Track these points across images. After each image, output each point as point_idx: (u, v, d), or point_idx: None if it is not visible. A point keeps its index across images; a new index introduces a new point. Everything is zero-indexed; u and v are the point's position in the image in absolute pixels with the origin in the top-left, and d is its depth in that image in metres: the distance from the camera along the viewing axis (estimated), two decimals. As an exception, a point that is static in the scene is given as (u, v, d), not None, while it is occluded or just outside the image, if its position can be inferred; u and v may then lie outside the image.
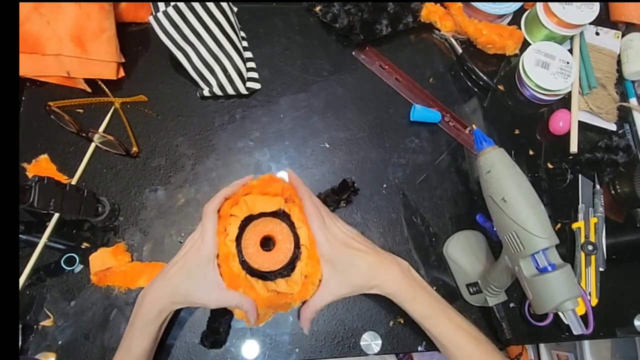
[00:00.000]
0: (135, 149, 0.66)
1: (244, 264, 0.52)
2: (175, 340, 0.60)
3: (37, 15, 0.63)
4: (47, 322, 0.59)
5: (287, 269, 0.53)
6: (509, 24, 0.78)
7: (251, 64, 0.72)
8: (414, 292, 0.53)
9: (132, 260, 0.62)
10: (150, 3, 0.67)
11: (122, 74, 0.69)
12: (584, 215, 0.70)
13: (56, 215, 0.60)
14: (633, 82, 0.79)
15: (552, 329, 0.65)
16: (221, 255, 0.51)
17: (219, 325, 0.59)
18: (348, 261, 0.52)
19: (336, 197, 0.65)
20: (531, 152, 0.74)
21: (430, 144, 0.73)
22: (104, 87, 0.68)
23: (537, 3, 0.75)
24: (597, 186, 0.72)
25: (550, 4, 0.72)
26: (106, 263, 0.60)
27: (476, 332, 0.54)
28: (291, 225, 0.54)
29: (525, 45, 0.77)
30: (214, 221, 0.51)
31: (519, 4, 0.75)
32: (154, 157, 0.68)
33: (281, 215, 0.55)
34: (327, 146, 0.71)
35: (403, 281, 0.53)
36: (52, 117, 0.64)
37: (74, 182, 0.64)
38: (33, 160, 0.64)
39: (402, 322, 0.63)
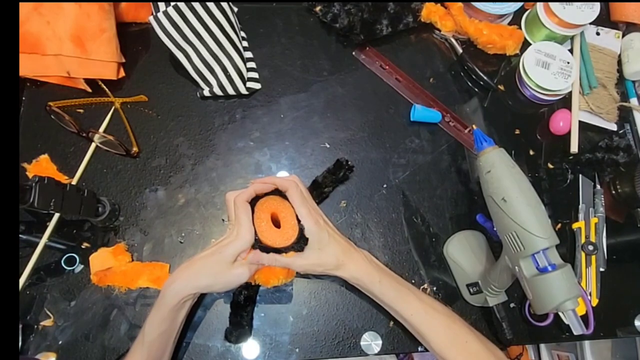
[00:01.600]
0: (135, 149, 0.66)
1: (257, 242, 0.53)
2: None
3: (37, 15, 0.63)
4: (47, 322, 0.59)
5: (299, 244, 0.54)
6: (510, 24, 0.78)
7: (251, 64, 0.72)
8: (379, 275, 0.56)
9: (132, 260, 0.62)
10: (151, 3, 0.67)
11: (122, 74, 0.70)
12: (584, 215, 0.70)
13: (56, 215, 0.60)
14: (633, 82, 0.79)
15: (553, 329, 0.65)
16: None
17: (242, 318, 0.59)
18: (324, 240, 0.54)
19: (333, 177, 0.66)
20: (531, 152, 0.74)
21: (430, 144, 0.73)
22: (104, 87, 0.68)
23: (538, 3, 0.75)
24: (598, 186, 0.72)
25: (550, 4, 0.72)
26: (106, 263, 0.60)
27: (448, 311, 0.56)
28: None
29: (525, 45, 0.77)
30: (247, 211, 0.53)
31: (519, 4, 0.75)
32: (154, 157, 0.68)
33: (283, 193, 0.56)
34: (327, 146, 0.71)
35: (368, 266, 0.57)
36: (52, 117, 0.65)
37: (74, 182, 0.64)
38: (33, 160, 0.64)
39: (402, 322, 0.63)
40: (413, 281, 0.65)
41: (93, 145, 0.66)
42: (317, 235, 0.54)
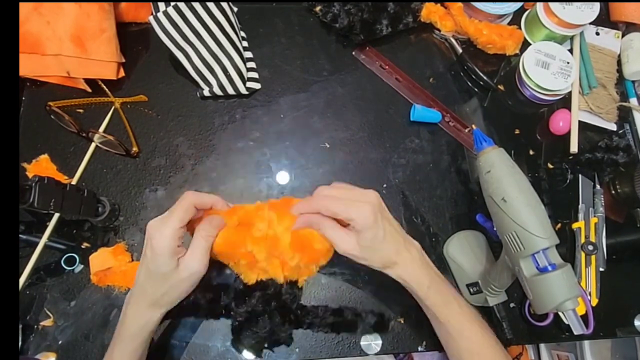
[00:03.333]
0: (135, 149, 0.66)
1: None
2: (175, 340, 0.60)
3: (37, 15, 0.63)
4: (47, 322, 0.59)
5: None
6: (509, 24, 0.78)
7: (251, 64, 0.72)
8: (428, 281, 0.52)
9: (132, 260, 0.62)
10: (151, 3, 0.67)
11: (122, 74, 0.69)
12: (584, 215, 0.70)
13: (56, 215, 0.60)
14: (633, 82, 0.79)
15: (553, 329, 0.65)
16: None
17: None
18: (379, 238, 0.49)
19: None
20: (531, 152, 0.74)
21: (430, 144, 0.73)
22: (104, 87, 0.68)
23: (537, 3, 0.75)
24: (597, 186, 0.72)
25: (550, 3, 0.72)
26: (106, 263, 0.60)
27: (485, 325, 0.55)
28: None
29: (525, 45, 0.77)
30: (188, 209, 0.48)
31: (519, 4, 0.75)
32: (154, 157, 0.68)
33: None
34: (327, 146, 0.71)
35: (418, 269, 0.52)
36: (52, 117, 0.64)
37: (74, 182, 0.64)
38: (33, 160, 0.64)
39: (402, 321, 0.63)
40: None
41: (93, 145, 0.66)
42: (372, 231, 0.48)
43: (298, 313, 0.62)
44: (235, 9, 0.73)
